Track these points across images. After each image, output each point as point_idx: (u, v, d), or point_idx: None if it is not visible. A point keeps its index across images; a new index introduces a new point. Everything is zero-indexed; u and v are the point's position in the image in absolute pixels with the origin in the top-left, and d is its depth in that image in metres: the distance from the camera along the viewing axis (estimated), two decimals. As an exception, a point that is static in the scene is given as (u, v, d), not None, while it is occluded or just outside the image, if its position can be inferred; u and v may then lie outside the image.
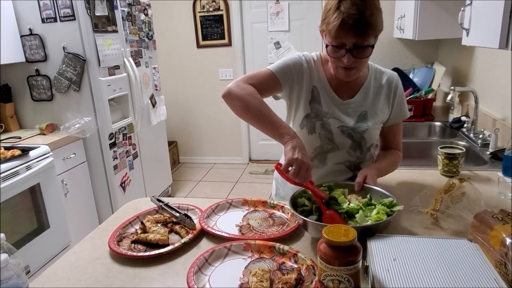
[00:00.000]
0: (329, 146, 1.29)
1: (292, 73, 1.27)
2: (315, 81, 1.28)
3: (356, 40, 1.10)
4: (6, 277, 0.73)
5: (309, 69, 1.28)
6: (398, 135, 1.38)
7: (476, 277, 0.75)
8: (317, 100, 1.27)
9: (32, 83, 2.63)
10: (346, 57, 1.13)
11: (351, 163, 1.32)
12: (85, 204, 2.70)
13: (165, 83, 4.08)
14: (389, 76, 1.32)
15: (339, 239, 0.75)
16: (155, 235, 1.08)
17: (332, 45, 1.13)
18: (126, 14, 2.91)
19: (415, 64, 3.09)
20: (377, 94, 1.30)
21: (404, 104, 1.35)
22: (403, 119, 1.36)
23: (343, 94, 1.29)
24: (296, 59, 1.29)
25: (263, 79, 1.25)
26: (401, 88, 1.33)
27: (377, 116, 1.29)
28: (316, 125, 1.27)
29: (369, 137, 1.29)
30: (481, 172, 1.51)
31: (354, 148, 1.29)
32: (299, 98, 1.29)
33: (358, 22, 1.07)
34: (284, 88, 1.28)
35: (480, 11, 1.28)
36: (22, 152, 2.14)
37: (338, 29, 1.08)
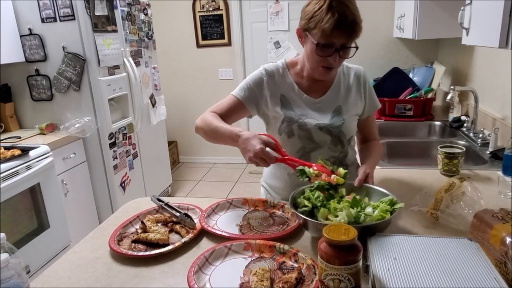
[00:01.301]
0: (310, 145, 1.31)
1: (254, 92, 1.32)
2: (282, 89, 1.32)
3: (345, 41, 1.15)
4: (6, 276, 0.73)
5: (272, 80, 1.33)
6: (374, 126, 1.46)
7: (476, 276, 0.75)
8: (288, 106, 1.31)
9: (31, 83, 2.63)
10: (333, 56, 1.16)
11: (335, 159, 1.35)
12: (85, 204, 2.70)
13: (165, 83, 4.08)
14: (356, 71, 1.37)
15: (340, 238, 0.75)
16: (156, 235, 1.08)
17: (322, 44, 1.15)
18: (125, 14, 2.91)
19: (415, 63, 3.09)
20: (348, 89, 1.34)
21: (374, 95, 1.41)
22: (376, 109, 1.43)
23: (314, 93, 1.32)
24: (255, 76, 1.34)
25: (227, 106, 1.32)
26: (368, 81, 1.39)
27: (351, 109, 1.33)
28: (293, 128, 1.29)
29: (347, 130, 1.32)
30: (481, 171, 1.51)
31: (334, 143, 1.32)
32: (268, 110, 1.33)
33: (351, 23, 1.12)
34: (249, 107, 1.33)
35: (480, 10, 1.28)
36: (22, 152, 2.14)
37: (333, 29, 1.11)
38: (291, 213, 1.17)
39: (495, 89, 2.01)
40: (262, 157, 1.06)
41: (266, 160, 1.06)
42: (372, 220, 0.98)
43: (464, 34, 1.41)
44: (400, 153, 2.04)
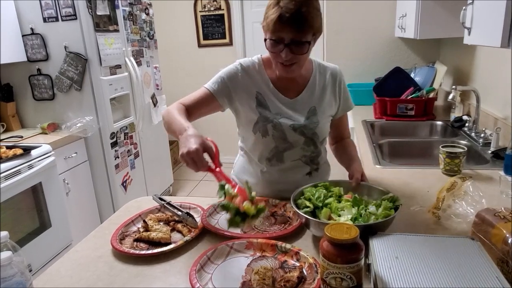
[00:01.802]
0: (284, 145, 1.31)
1: (227, 86, 1.29)
2: (257, 86, 1.29)
3: (294, 35, 1.12)
4: (9, 274, 0.73)
5: (248, 76, 1.30)
6: (347, 125, 1.48)
7: (478, 275, 0.75)
8: (263, 104, 1.29)
9: (33, 82, 2.64)
10: (284, 52, 1.14)
11: (307, 158, 1.35)
12: (86, 203, 2.71)
13: (166, 82, 4.08)
14: (332, 70, 1.36)
15: (342, 237, 0.75)
16: (157, 234, 1.08)
17: (271, 39, 1.15)
18: (127, 14, 2.91)
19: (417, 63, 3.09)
20: (323, 90, 1.33)
21: (349, 96, 1.41)
22: (349, 110, 1.43)
23: (289, 93, 1.31)
24: (230, 69, 1.31)
25: (198, 98, 1.28)
26: (344, 81, 1.39)
27: (325, 111, 1.33)
28: (268, 128, 1.28)
29: (320, 131, 1.32)
30: (483, 171, 1.51)
31: (307, 143, 1.32)
32: (242, 106, 1.30)
33: (295, 16, 1.09)
34: (221, 101, 1.29)
35: (482, 10, 1.28)
36: (24, 151, 2.15)
37: (276, 22, 1.10)
38: (293, 212, 1.17)
39: (497, 88, 2.01)
40: (193, 158, 0.98)
41: (196, 163, 0.98)
42: (377, 218, 0.98)
43: (466, 33, 1.41)
44: (402, 153, 2.04)
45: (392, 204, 1.03)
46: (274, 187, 1.34)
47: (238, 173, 1.48)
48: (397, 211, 0.99)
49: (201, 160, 0.99)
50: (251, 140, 1.33)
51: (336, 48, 3.27)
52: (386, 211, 1.00)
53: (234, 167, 1.51)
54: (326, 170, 1.45)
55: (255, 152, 1.35)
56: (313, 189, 1.11)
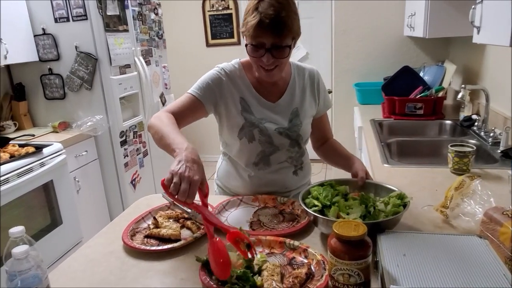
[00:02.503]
0: (270, 149, 1.32)
1: (213, 90, 1.28)
2: (240, 91, 1.29)
3: (274, 40, 1.13)
4: (26, 267, 0.76)
5: (231, 81, 1.29)
6: (328, 123, 1.50)
7: (485, 273, 0.75)
8: (248, 110, 1.29)
9: (45, 82, 2.68)
10: (266, 56, 1.15)
11: (292, 159, 1.37)
12: (96, 200, 2.75)
13: (175, 81, 4.11)
14: (309, 71, 1.38)
15: (350, 234, 0.76)
16: (167, 230, 1.10)
17: (252, 44, 1.16)
18: (136, 14, 2.94)
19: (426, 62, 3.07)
20: (303, 90, 1.35)
21: (327, 95, 1.44)
22: (328, 109, 1.45)
23: (271, 97, 1.31)
24: (214, 75, 1.29)
25: (185, 105, 1.26)
26: (322, 81, 1.40)
27: (307, 111, 1.35)
28: (254, 133, 1.29)
29: (303, 132, 1.35)
30: (492, 170, 1.50)
31: (292, 145, 1.34)
32: (228, 111, 1.30)
33: (274, 21, 1.10)
34: (207, 106, 1.28)
35: (491, 9, 1.27)
36: (36, 149, 2.19)
37: (256, 28, 1.11)
38: (301, 210, 1.18)
39: (507, 87, 1.99)
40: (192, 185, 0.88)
41: (185, 192, 0.87)
42: (386, 215, 0.99)
43: (475, 32, 1.41)
44: (411, 152, 2.04)
45: (401, 201, 1.03)
46: (262, 189, 1.36)
47: (222, 178, 1.47)
48: (406, 208, 0.99)
49: (195, 191, 0.90)
50: (237, 146, 1.32)
51: (345, 47, 3.27)
52: (395, 208, 1.00)
53: (218, 172, 1.51)
54: (309, 168, 1.48)
55: (241, 157, 1.35)
56: (320, 188, 1.12)
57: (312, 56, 4.06)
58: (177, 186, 0.88)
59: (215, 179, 1.53)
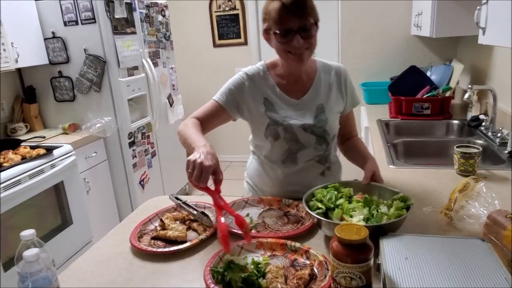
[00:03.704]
0: (296, 146, 1.32)
1: (235, 96, 1.32)
2: (264, 92, 1.32)
3: (300, 22, 1.15)
4: (37, 270, 0.78)
5: (253, 84, 1.33)
6: (354, 121, 1.50)
7: (486, 276, 0.75)
8: (272, 109, 1.31)
9: (55, 84, 2.73)
10: (296, 39, 1.17)
11: (320, 157, 1.37)
12: (106, 201, 2.79)
13: (182, 82, 4.14)
14: (336, 69, 1.38)
15: (351, 237, 0.77)
16: (174, 232, 1.12)
17: (280, 33, 1.17)
18: (144, 16, 2.97)
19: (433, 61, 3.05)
20: (329, 88, 1.35)
21: (355, 92, 1.43)
22: (356, 105, 1.45)
23: (295, 94, 1.33)
24: (236, 80, 1.34)
25: (209, 111, 1.33)
26: (349, 78, 1.40)
27: (333, 107, 1.35)
28: (279, 131, 1.30)
29: (330, 128, 1.33)
30: (499, 171, 1.49)
31: (319, 142, 1.33)
32: (251, 114, 1.33)
33: (296, 3, 1.13)
34: (232, 112, 1.33)
35: (496, 10, 1.27)
36: (47, 151, 2.23)
37: (280, 14, 1.14)
38: (305, 212, 1.19)
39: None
40: (202, 171, 1.01)
41: (202, 177, 1.01)
42: (389, 218, 0.99)
43: (481, 33, 1.40)
44: (417, 152, 2.03)
45: (404, 204, 1.04)
46: (288, 188, 1.37)
47: (251, 176, 1.51)
48: (409, 211, 1.00)
49: (207, 177, 1.02)
50: (264, 145, 1.35)
51: (351, 47, 3.27)
52: (398, 211, 1.01)
53: (247, 170, 1.54)
54: (338, 169, 1.47)
55: (269, 156, 1.37)
56: (323, 191, 1.13)
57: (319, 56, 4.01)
58: (192, 173, 1.02)
59: (245, 177, 1.56)
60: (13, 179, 1.97)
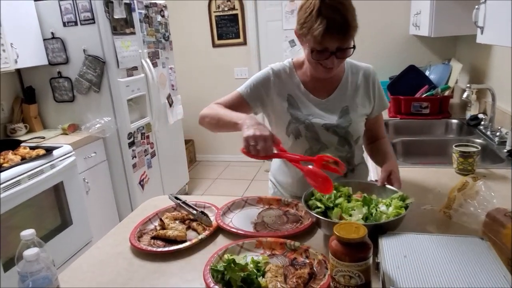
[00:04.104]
0: (317, 146, 1.32)
1: (260, 91, 1.32)
2: (288, 89, 1.32)
3: (340, 44, 1.13)
4: (37, 269, 0.79)
5: (279, 80, 1.32)
6: (382, 124, 1.47)
7: (485, 274, 0.76)
8: (295, 106, 1.31)
9: (54, 85, 2.73)
10: (330, 60, 1.16)
11: (342, 159, 1.33)
12: (105, 201, 2.79)
13: (182, 82, 4.15)
14: (365, 70, 1.35)
15: (350, 236, 0.77)
16: (173, 232, 1.12)
17: (317, 50, 1.16)
18: (143, 16, 2.98)
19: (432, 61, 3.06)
20: (355, 89, 1.33)
21: (383, 95, 1.40)
22: (385, 109, 1.42)
23: (321, 94, 1.32)
24: (264, 75, 1.34)
25: (231, 101, 1.33)
26: (377, 80, 1.37)
27: (358, 110, 1.32)
28: (300, 129, 1.29)
29: (354, 130, 1.31)
30: (497, 170, 1.50)
31: (341, 143, 1.32)
32: (274, 110, 1.33)
33: (342, 26, 1.10)
34: (254, 106, 1.33)
35: (494, 9, 1.27)
36: (46, 151, 2.23)
37: (324, 35, 1.10)
38: (305, 211, 1.19)
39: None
40: (266, 141, 1.03)
41: (265, 147, 1.03)
42: (388, 217, 1.00)
43: (479, 32, 1.40)
44: (416, 151, 2.04)
45: (403, 203, 1.04)
46: (309, 187, 1.35)
47: (275, 174, 1.50)
48: (407, 210, 1.00)
49: (272, 145, 1.05)
50: (286, 143, 1.33)
51: (350, 46, 3.26)
52: (397, 210, 1.01)
53: (271, 168, 1.54)
54: (363, 172, 1.44)
55: None
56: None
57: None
58: (255, 147, 1.04)
59: (269, 175, 1.56)
60: (13, 179, 1.97)
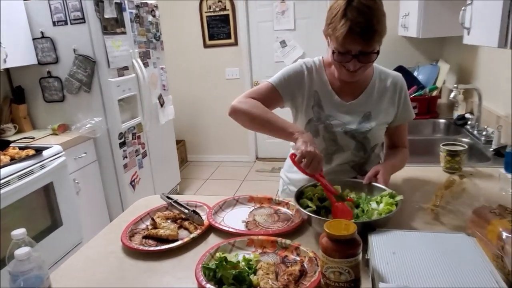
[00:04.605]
0: (333, 148, 1.32)
1: (292, 84, 1.31)
2: (316, 86, 1.31)
3: (362, 47, 1.12)
4: (28, 268, 0.78)
5: (310, 75, 1.32)
6: (405, 135, 1.42)
7: (472, 270, 0.78)
8: (319, 104, 1.30)
9: (44, 85, 2.70)
10: (352, 63, 1.16)
11: (355, 163, 1.35)
12: (96, 202, 2.77)
13: (173, 83, 4.14)
14: (393, 78, 1.34)
15: (340, 233, 0.79)
16: (165, 231, 1.13)
17: (339, 52, 1.15)
18: (134, 16, 2.96)
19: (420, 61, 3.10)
20: (381, 96, 1.31)
21: (409, 105, 1.37)
22: (409, 120, 1.39)
23: (346, 96, 1.31)
24: (297, 68, 1.33)
25: (264, 93, 1.29)
26: (406, 90, 1.35)
27: (381, 117, 1.31)
28: (319, 129, 1.30)
29: (372, 137, 1.30)
30: (484, 168, 1.53)
31: (358, 149, 1.32)
32: (302, 105, 1.32)
33: (365, 29, 1.09)
34: (285, 98, 1.31)
35: (480, 11, 1.30)
36: (36, 152, 2.21)
37: (346, 36, 1.10)
38: (295, 209, 1.21)
39: (499, 86, 2.03)
40: (319, 161, 1.07)
41: (316, 168, 1.07)
42: (380, 214, 1.02)
43: (465, 33, 1.43)
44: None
45: (393, 200, 1.06)
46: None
47: (287, 170, 1.50)
48: (397, 207, 1.02)
49: (321, 165, 1.09)
50: None
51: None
52: (388, 207, 1.03)
53: (284, 166, 1.53)
54: None
55: None
56: (313, 189, 1.15)
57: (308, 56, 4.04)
58: (308, 163, 1.07)
59: (281, 172, 1.55)
60: (2, 180, 1.95)
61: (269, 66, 4.21)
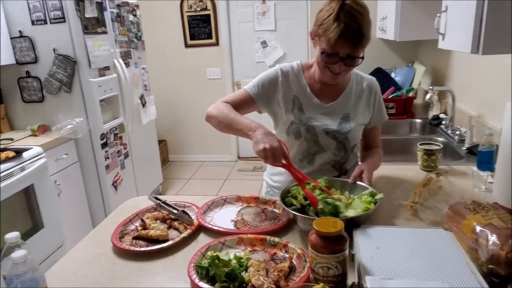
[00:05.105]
0: (315, 148, 1.37)
1: (267, 91, 1.35)
2: (295, 90, 1.36)
3: (351, 51, 1.18)
4: (23, 271, 0.79)
5: (286, 80, 1.36)
6: (378, 136, 1.51)
7: (450, 262, 0.84)
8: (299, 108, 1.36)
9: (22, 85, 2.65)
10: (338, 65, 1.21)
11: (336, 163, 1.41)
12: (78, 203, 2.74)
13: (154, 83, 4.11)
14: (369, 81, 1.41)
15: (328, 230, 0.83)
16: (155, 231, 1.14)
17: (327, 53, 1.20)
18: (115, 15, 2.94)
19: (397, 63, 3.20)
20: (358, 98, 1.38)
21: (383, 108, 1.46)
22: (383, 122, 1.47)
23: (325, 98, 1.37)
24: (272, 74, 1.37)
25: (238, 99, 1.35)
26: (379, 93, 1.43)
27: (358, 118, 1.38)
28: (301, 130, 1.35)
29: (352, 137, 1.37)
30: (458, 166, 1.61)
31: (339, 149, 1.38)
32: (280, 109, 1.37)
33: (356, 34, 1.14)
34: (260, 105, 1.36)
35: (454, 17, 1.37)
36: (16, 153, 2.16)
37: (337, 39, 1.14)
38: (282, 208, 1.24)
39: (472, 88, 2.13)
40: (274, 153, 1.09)
41: (275, 158, 1.10)
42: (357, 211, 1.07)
43: (440, 39, 1.50)
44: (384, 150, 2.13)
45: (372, 199, 1.12)
46: None
47: (269, 172, 1.54)
48: (376, 205, 1.08)
49: (280, 156, 1.11)
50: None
51: (321, 48, 3.35)
52: (366, 205, 1.09)
53: (267, 168, 1.56)
54: None
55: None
56: (298, 188, 1.19)
57: (289, 57, 4.14)
58: (265, 159, 1.11)
59: (264, 175, 1.58)
60: (-19, 183, 1.91)
61: (250, 66, 4.25)
